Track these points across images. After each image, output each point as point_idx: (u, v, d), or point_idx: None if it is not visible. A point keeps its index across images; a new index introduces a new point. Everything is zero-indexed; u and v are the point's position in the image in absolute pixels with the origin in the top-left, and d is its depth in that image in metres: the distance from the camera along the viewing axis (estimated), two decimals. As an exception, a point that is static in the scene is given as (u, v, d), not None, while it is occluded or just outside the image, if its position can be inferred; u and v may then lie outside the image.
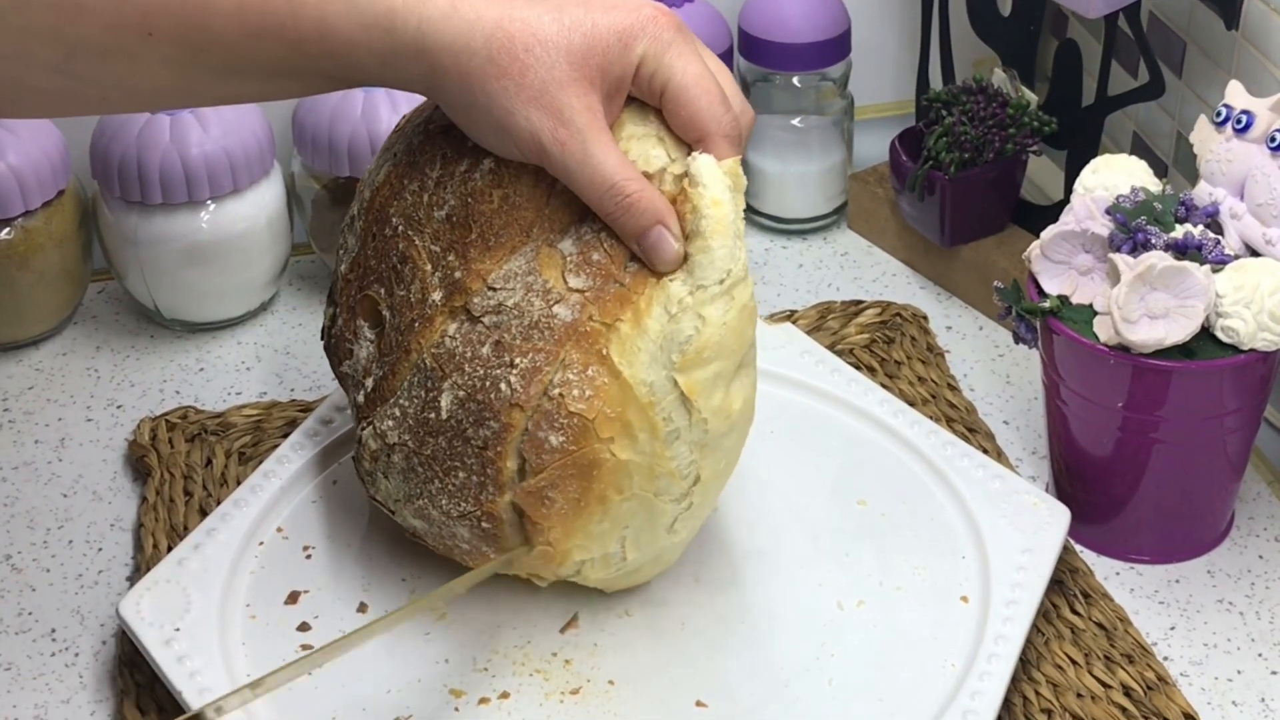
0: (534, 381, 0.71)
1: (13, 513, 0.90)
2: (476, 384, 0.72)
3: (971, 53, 1.12)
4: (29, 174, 0.97)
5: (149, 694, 0.78)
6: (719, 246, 0.71)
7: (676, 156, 0.73)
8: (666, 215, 0.72)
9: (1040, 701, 0.77)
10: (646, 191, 0.71)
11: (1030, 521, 0.82)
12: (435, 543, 0.77)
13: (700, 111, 0.72)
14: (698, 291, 0.71)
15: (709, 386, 0.71)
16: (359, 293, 0.78)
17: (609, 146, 0.71)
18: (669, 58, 0.72)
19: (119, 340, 1.03)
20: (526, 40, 0.70)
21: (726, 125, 0.73)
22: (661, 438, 0.71)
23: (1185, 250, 0.80)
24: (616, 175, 0.71)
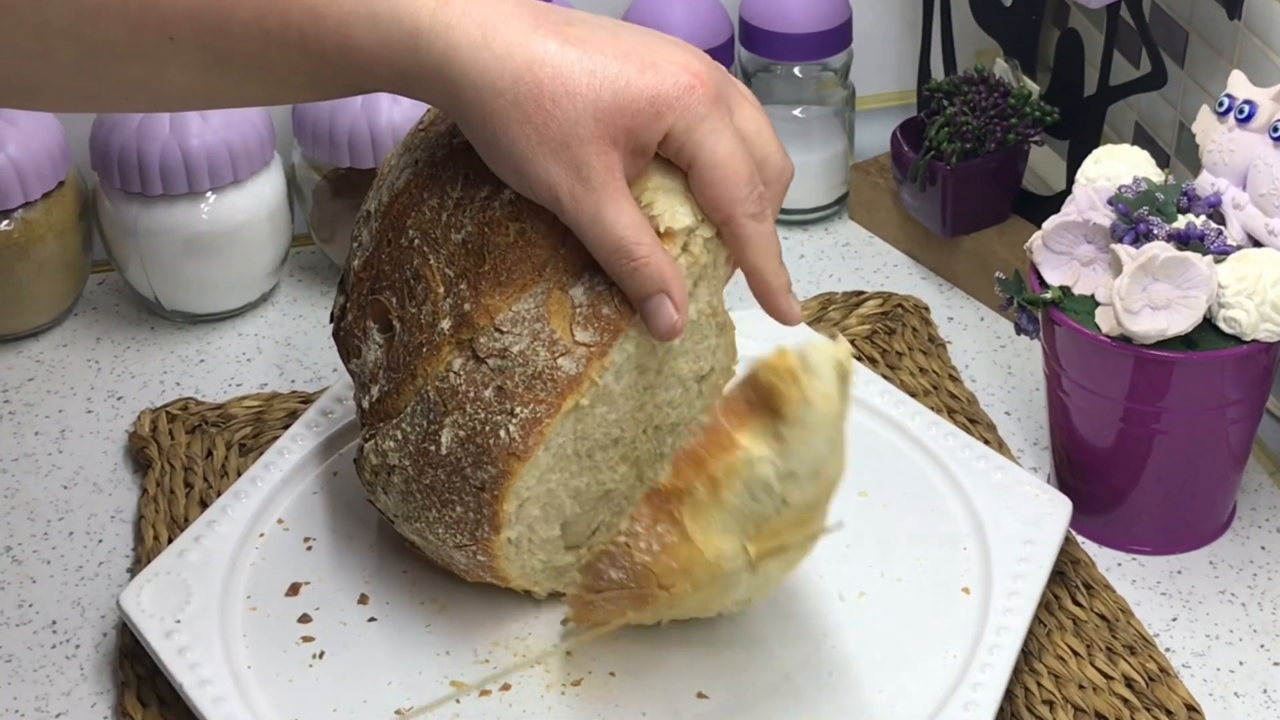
0: (533, 432, 0.71)
1: (13, 504, 0.90)
2: (477, 426, 0.72)
3: (973, 43, 1.11)
4: (29, 165, 0.97)
5: (150, 686, 0.78)
6: (820, 442, 0.68)
7: (704, 218, 0.73)
8: (671, 284, 0.71)
9: (1042, 693, 0.77)
10: (654, 257, 0.70)
11: (1032, 513, 0.82)
12: (432, 557, 0.78)
13: (722, 196, 0.71)
14: (787, 479, 0.68)
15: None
16: (370, 294, 0.78)
17: (623, 207, 0.70)
18: (699, 134, 0.70)
19: (119, 332, 1.03)
20: (555, 90, 0.68)
21: (751, 206, 0.72)
22: (724, 583, 0.71)
23: (1187, 241, 0.79)
24: (626, 238, 0.70)
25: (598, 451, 0.75)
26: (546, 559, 0.77)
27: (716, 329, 0.78)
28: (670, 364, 0.76)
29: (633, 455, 0.77)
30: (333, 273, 1.07)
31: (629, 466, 0.77)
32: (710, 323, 0.77)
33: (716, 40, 1.04)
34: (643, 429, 0.77)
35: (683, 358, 0.76)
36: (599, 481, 0.76)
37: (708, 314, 0.77)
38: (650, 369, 0.75)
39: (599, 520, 0.78)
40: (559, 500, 0.75)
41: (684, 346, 0.76)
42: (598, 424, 0.74)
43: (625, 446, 0.76)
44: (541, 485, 0.74)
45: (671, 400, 0.77)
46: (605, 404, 0.74)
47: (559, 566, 0.78)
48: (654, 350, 0.74)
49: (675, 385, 0.77)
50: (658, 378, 0.76)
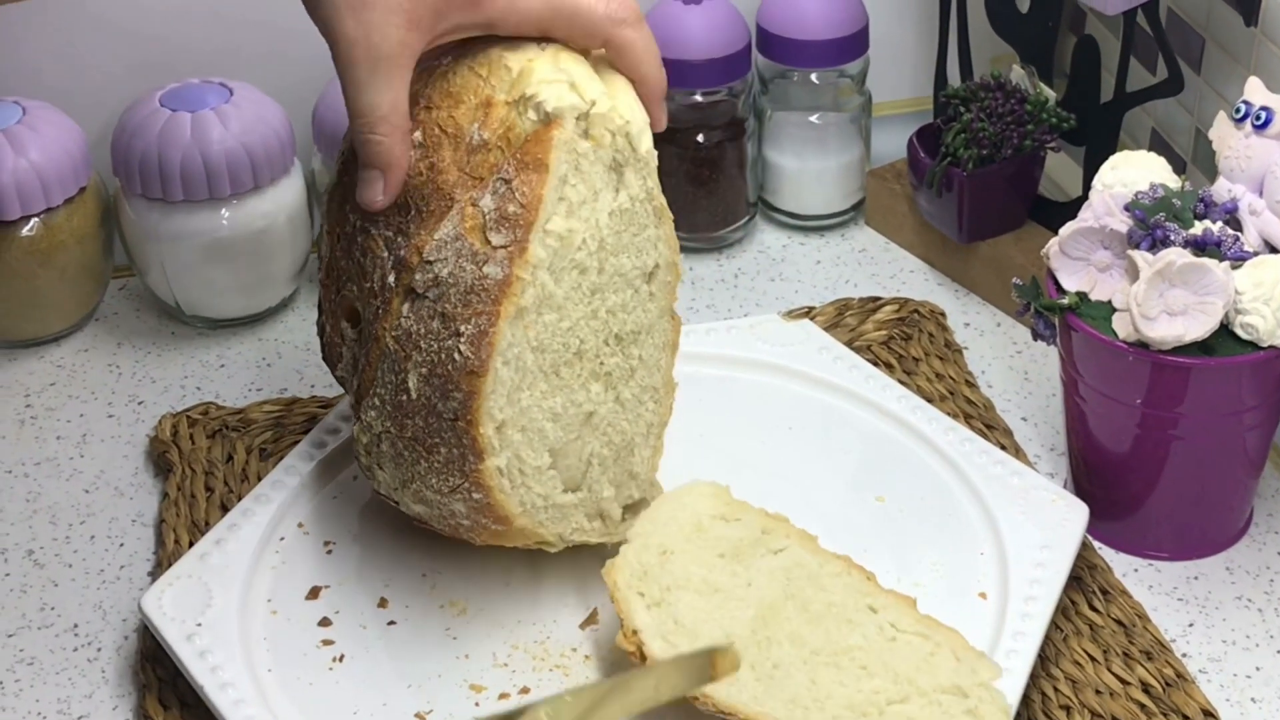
0: (482, 345, 0.73)
1: (35, 508, 0.91)
2: (433, 358, 0.74)
3: (990, 49, 1.12)
4: (50, 171, 0.98)
5: (171, 689, 0.79)
6: None
7: (594, 99, 0.75)
8: (391, 169, 0.75)
9: (1059, 698, 0.77)
10: (390, 140, 0.74)
11: (1049, 518, 0.82)
12: (440, 525, 0.78)
13: (578, 23, 0.76)
14: None
15: None
16: (337, 294, 0.80)
17: (393, 84, 0.74)
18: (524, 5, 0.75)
19: (140, 337, 1.03)
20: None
21: (615, 13, 0.76)
22: None
23: (1204, 247, 0.80)
24: (374, 112, 0.74)
25: (563, 367, 0.76)
26: (545, 494, 0.77)
27: (655, 217, 0.79)
28: (611, 261, 0.77)
29: (601, 371, 0.77)
30: (352, 278, 1.07)
31: (601, 385, 0.78)
32: (646, 209, 0.78)
33: (734, 47, 1.05)
34: (603, 340, 0.77)
35: (624, 253, 0.77)
36: (574, 402, 0.77)
37: (642, 199, 0.78)
38: (590, 268, 0.76)
39: (589, 450, 0.78)
40: (538, 423, 0.76)
41: (621, 240, 0.77)
42: (551, 333, 0.75)
43: (590, 361, 0.77)
44: (513, 405, 0.74)
45: (624, 304, 0.78)
46: (552, 310, 0.75)
47: (561, 505, 0.78)
48: (583, 244, 0.75)
49: (623, 286, 0.77)
50: (601, 278, 0.76)
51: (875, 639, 0.73)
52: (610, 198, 0.76)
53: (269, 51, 1.07)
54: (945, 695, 0.71)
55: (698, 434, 0.90)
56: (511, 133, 0.75)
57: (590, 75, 0.77)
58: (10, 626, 0.83)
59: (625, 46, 0.78)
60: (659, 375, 0.80)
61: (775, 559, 0.77)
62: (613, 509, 0.80)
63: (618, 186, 0.77)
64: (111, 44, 1.06)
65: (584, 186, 0.75)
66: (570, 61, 0.77)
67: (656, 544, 0.78)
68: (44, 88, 1.05)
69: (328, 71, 1.04)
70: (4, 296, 1.00)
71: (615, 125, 0.76)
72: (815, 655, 0.72)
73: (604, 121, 0.76)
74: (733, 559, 0.77)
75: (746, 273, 1.07)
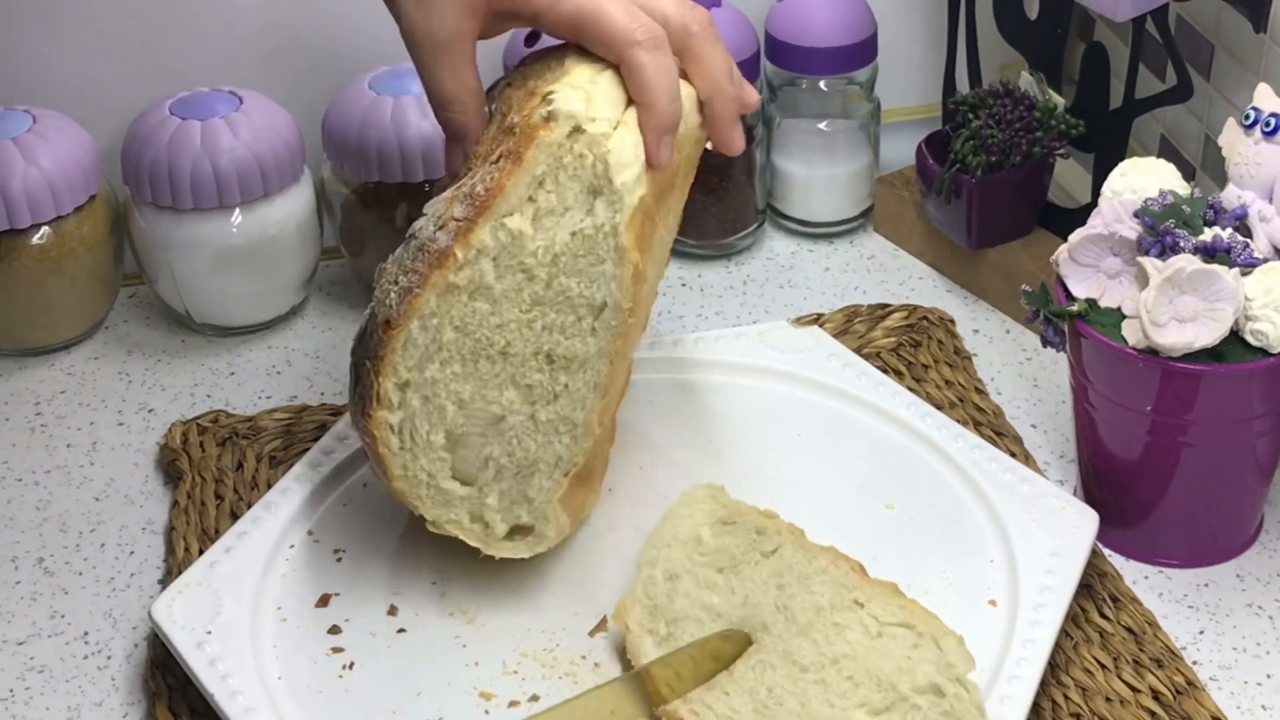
0: (405, 300, 0.75)
1: (45, 516, 0.91)
2: (380, 297, 0.77)
3: (998, 56, 1.12)
4: (60, 179, 0.98)
5: (181, 697, 0.79)
6: None
7: (595, 117, 0.76)
8: (470, 139, 0.81)
9: (1069, 705, 0.77)
10: (465, 117, 0.81)
11: (1058, 525, 0.82)
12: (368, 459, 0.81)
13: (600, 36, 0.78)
14: None
15: None
16: None
17: (458, 66, 0.80)
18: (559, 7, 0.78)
19: (150, 344, 1.04)
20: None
21: (635, 36, 0.77)
22: None
23: (1214, 253, 0.79)
24: (444, 91, 0.80)
25: (483, 360, 0.77)
26: (431, 471, 0.77)
27: (616, 256, 0.77)
28: (561, 280, 0.77)
29: (523, 382, 0.78)
30: (361, 286, 1.07)
31: (519, 394, 0.78)
32: (609, 244, 0.77)
33: (742, 54, 1.05)
34: (533, 351, 0.77)
35: (575, 276, 0.77)
36: (485, 398, 0.77)
37: (606, 232, 0.77)
38: (539, 277, 0.76)
39: (489, 453, 0.78)
40: (440, 401, 0.77)
41: (576, 264, 0.77)
42: (479, 321, 0.76)
43: (514, 367, 0.77)
44: (421, 372, 0.76)
45: (563, 326, 0.77)
46: (485, 300, 0.76)
47: (444, 491, 0.78)
48: (534, 252, 0.76)
49: (566, 309, 0.77)
50: (547, 291, 0.77)
51: (861, 640, 0.74)
52: (578, 218, 0.76)
53: (279, 60, 1.08)
54: (924, 697, 0.71)
55: (706, 441, 0.90)
56: (528, 122, 0.77)
57: (615, 100, 0.78)
58: (21, 634, 0.83)
59: (635, 68, 0.77)
60: (582, 414, 0.78)
61: (768, 563, 0.78)
62: (496, 522, 0.79)
63: (589, 211, 0.77)
64: (121, 52, 1.06)
65: (556, 197, 0.76)
66: (610, 81, 0.78)
67: (663, 570, 0.79)
68: (54, 96, 1.05)
69: (337, 79, 1.05)
70: (14, 304, 1.00)
71: (599, 150, 0.76)
72: (805, 674, 0.74)
73: (591, 142, 0.76)
74: (730, 573, 0.78)
75: (755, 280, 1.07)
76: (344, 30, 1.07)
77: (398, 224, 1.01)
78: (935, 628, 0.74)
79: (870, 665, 0.73)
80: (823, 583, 0.76)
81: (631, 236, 0.77)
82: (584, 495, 0.82)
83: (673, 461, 0.89)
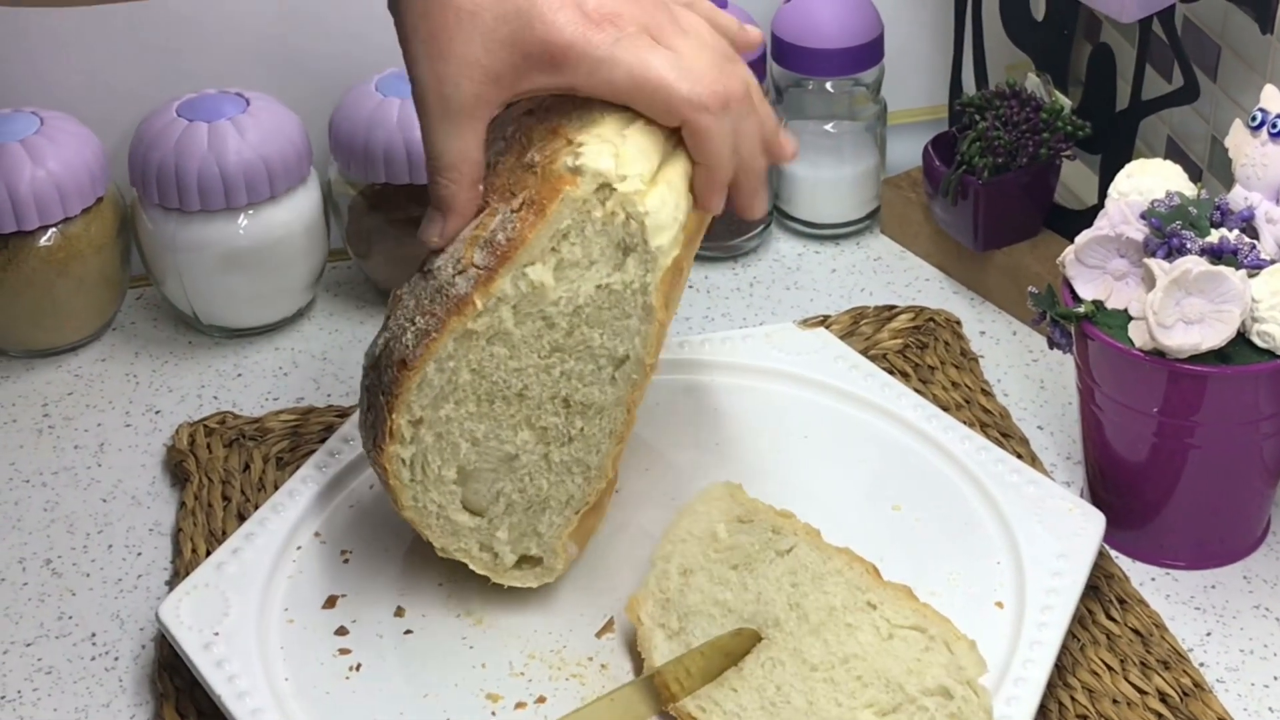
0: (422, 343, 0.74)
1: (53, 517, 0.91)
2: (395, 331, 0.76)
3: (1005, 57, 1.12)
4: (68, 181, 0.98)
5: (188, 698, 0.79)
6: None
7: (626, 174, 0.74)
8: (453, 215, 0.75)
9: (1076, 707, 0.77)
10: (456, 187, 0.75)
11: (1065, 527, 0.82)
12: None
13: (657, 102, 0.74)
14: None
15: None
16: None
17: (463, 134, 0.74)
18: (606, 71, 0.73)
19: (157, 346, 1.04)
20: (462, 5, 0.72)
21: (698, 99, 0.74)
22: None
23: (1221, 255, 0.79)
24: (444, 159, 0.75)
25: (499, 400, 0.76)
26: (441, 504, 0.78)
27: (643, 313, 0.77)
28: (583, 330, 0.76)
29: (538, 424, 0.77)
30: (368, 288, 1.07)
31: (533, 435, 0.78)
32: (636, 300, 0.76)
33: (748, 56, 1.04)
34: (549, 396, 0.77)
35: (599, 327, 0.76)
36: (499, 438, 0.77)
37: (635, 289, 0.76)
38: (559, 326, 0.76)
39: (500, 488, 0.78)
40: (453, 438, 0.76)
41: (601, 316, 0.76)
42: (496, 364, 0.75)
43: (530, 409, 0.77)
44: (436, 410, 0.75)
45: (582, 374, 0.77)
46: (504, 344, 0.75)
47: (454, 522, 0.78)
48: (555, 302, 0.75)
49: (587, 358, 0.77)
50: (568, 340, 0.76)
51: (872, 641, 0.74)
52: (604, 272, 0.75)
53: (286, 62, 1.08)
54: (931, 699, 0.71)
55: (713, 443, 0.90)
56: (550, 167, 0.75)
57: (648, 153, 0.75)
58: (28, 635, 0.84)
59: (700, 132, 0.75)
60: (596, 457, 0.78)
61: (783, 562, 0.78)
62: (505, 552, 0.79)
63: (618, 266, 0.75)
64: (129, 54, 1.06)
65: (581, 250, 0.75)
66: (641, 133, 0.75)
67: (677, 565, 0.79)
68: (61, 98, 1.05)
69: (344, 82, 1.05)
70: (22, 306, 1.00)
71: (634, 210, 0.74)
72: (814, 672, 0.74)
73: (624, 201, 0.74)
74: (745, 570, 0.78)
75: (762, 281, 1.07)
76: (350, 32, 1.08)
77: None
78: (947, 631, 0.74)
79: (879, 666, 0.73)
80: (836, 583, 0.76)
81: (660, 296, 0.76)
82: (594, 519, 0.82)
83: (679, 463, 0.89)
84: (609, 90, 0.74)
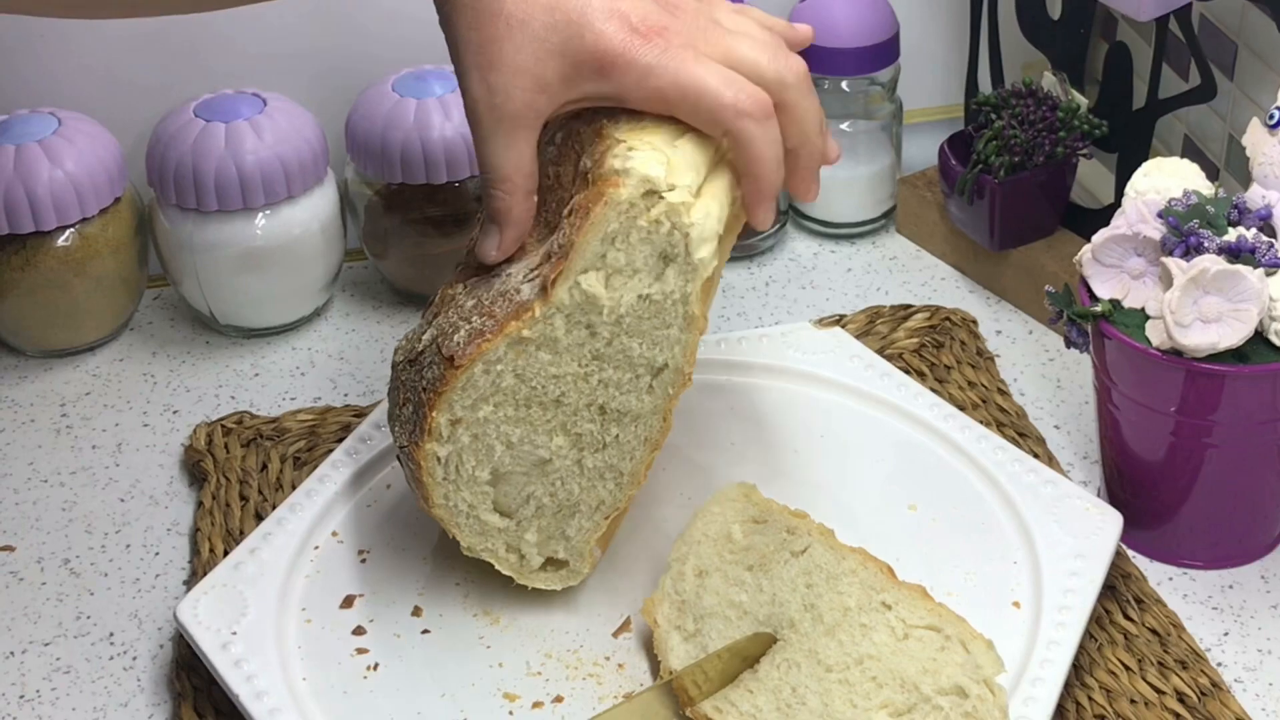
0: (473, 344, 0.74)
1: (70, 517, 0.91)
2: (446, 328, 0.76)
3: (1021, 56, 1.11)
4: (86, 181, 0.98)
5: (206, 697, 0.79)
6: None
7: (676, 184, 0.74)
8: (509, 226, 0.76)
9: (1093, 707, 0.77)
10: (513, 199, 0.75)
11: (1082, 527, 0.82)
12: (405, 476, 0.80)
13: (700, 109, 0.74)
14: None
15: None
16: None
17: (517, 144, 0.75)
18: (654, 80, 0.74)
19: (175, 346, 1.04)
20: (512, 14, 0.73)
21: (741, 105, 0.74)
22: None
23: (1238, 254, 0.79)
24: (500, 170, 0.75)
25: (535, 405, 0.76)
26: (472, 503, 0.78)
27: (683, 323, 0.77)
28: (623, 339, 0.76)
29: (573, 430, 0.77)
30: (385, 288, 1.08)
31: (568, 440, 0.78)
32: (677, 311, 0.76)
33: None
34: (586, 403, 0.77)
35: (638, 337, 0.76)
36: (534, 443, 0.77)
37: (676, 299, 0.76)
38: (601, 335, 0.76)
39: (531, 491, 0.79)
40: (489, 440, 0.76)
41: (641, 325, 0.76)
42: (538, 370, 0.75)
43: (566, 415, 0.77)
44: (476, 411, 0.75)
45: (619, 382, 0.77)
46: (549, 350, 0.75)
47: (484, 522, 0.78)
48: (602, 310, 0.75)
49: (625, 366, 0.77)
50: (608, 349, 0.76)
51: (887, 641, 0.74)
52: (647, 282, 0.75)
53: (303, 62, 1.08)
54: (947, 697, 0.71)
55: (729, 443, 0.90)
56: (598, 170, 0.75)
57: (697, 166, 0.75)
58: (47, 635, 0.84)
59: (745, 140, 0.75)
60: (629, 464, 0.78)
61: (797, 563, 0.78)
62: (532, 554, 0.80)
63: (658, 276, 0.75)
64: (146, 55, 1.06)
65: (625, 257, 0.74)
66: (692, 145, 0.75)
67: (692, 566, 0.79)
68: (79, 99, 1.05)
69: (360, 81, 1.05)
70: (40, 306, 1.01)
71: (679, 221, 0.74)
72: (829, 673, 0.74)
73: (670, 211, 0.74)
74: (759, 571, 0.78)
75: (778, 280, 1.07)
76: (367, 32, 1.08)
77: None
78: (964, 631, 0.74)
79: (895, 666, 0.73)
80: (851, 584, 0.76)
81: (701, 305, 0.76)
82: (616, 526, 0.82)
83: (695, 462, 0.89)
84: (656, 98, 0.74)
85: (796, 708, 0.73)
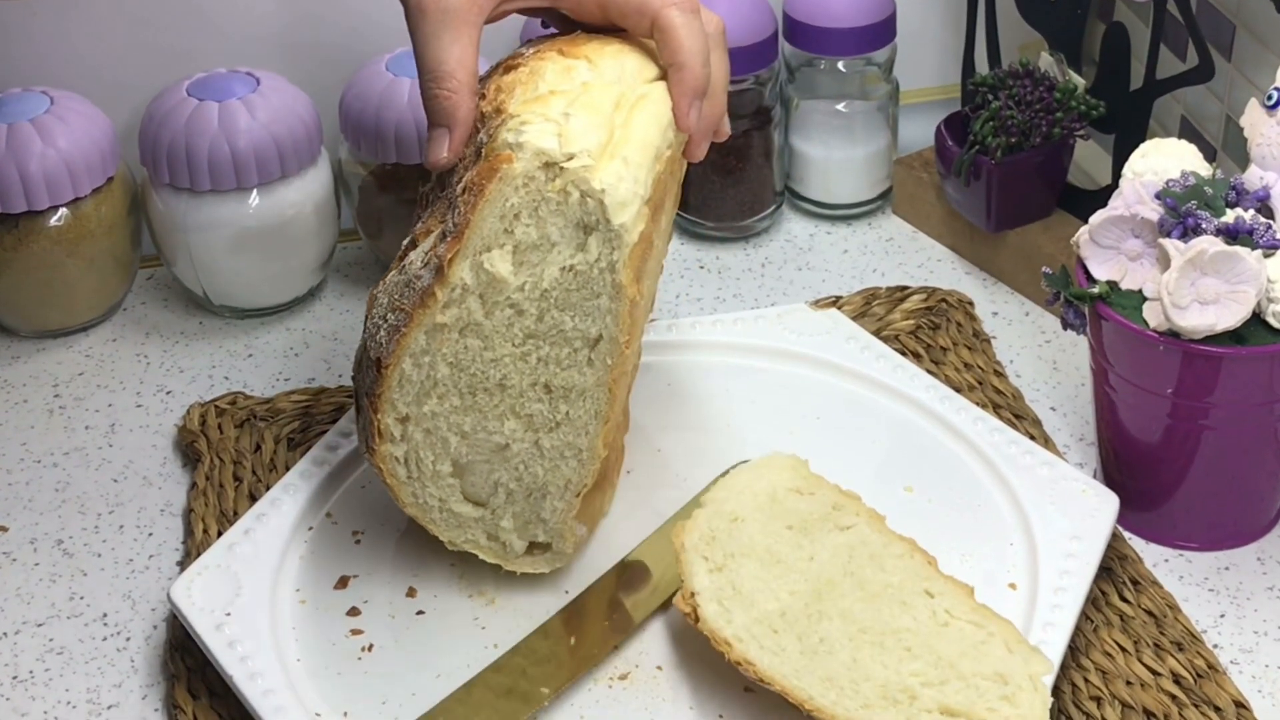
0: (394, 339, 0.74)
1: (64, 498, 0.91)
2: (372, 330, 0.76)
3: (1018, 36, 1.11)
4: (79, 160, 0.98)
5: (200, 678, 0.79)
6: None
7: (573, 152, 0.73)
8: (457, 125, 0.76)
9: (1089, 689, 0.77)
10: (458, 96, 0.76)
11: (1078, 508, 0.82)
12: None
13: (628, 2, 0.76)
14: None
15: None
16: None
17: (460, 41, 0.75)
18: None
19: (168, 326, 1.04)
20: None
21: None
22: None
23: (1236, 235, 0.79)
24: (443, 67, 0.76)
25: (480, 391, 0.76)
26: (442, 497, 0.78)
27: (612, 291, 0.75)
28: (553, 314, 0.76)
29: (523, 412, 0.77)
30: (379, 268, 1.07)
31: (520, 423, 0.77)
32: (605, 280, 0.75)
33: (760, 35, 1.04)
34: (530, 383, 0.77)
35: (569, 310, 0.76)
36: (487, 429, 0.77)
37: (603, 268, 0.75)
38: (529, 313, 0.75)
39: (497, 478, 0.78)
40: (442, 433, 0.76)
41: (570, 298, 0.75)
42: (473, 357, 0.75)
43: (513, 398, 0.77)
44: (421, 405, 0.76)
45: (559, 359, 0.77)
46: (476, 336, 0.75)
47: (458, 514, 0.79)
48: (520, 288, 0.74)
49: (561, 342, 0.76)
50: (540, 325, 0.76)
51: (927, 623, 0.74)
52: (568, 254, 0.74)
53: (296, 41, 1.07)
54: (984, 681, 0.71)
55: (725, 424, 0.90)
56: (492, 145, 0.74)
57: (596, 129, 0.74)
58: (40, 616, 0.84)
59: (668, 28, 0.77)
60: (586, 439, 0.78)
61: (841, 536, 0.77)
62: (513, 540, 0.80)
63: (580, 246, 0.74)
64: (139, 34, 1.06)
65: (537, 231, 0.74)
66: (586, 111, 0.74)
67: (729, 510, 0.78)
68: (72, 78, 1.05)
69: (354, 60, 1.04)
70: (32, 286, 1.00)
71: (588, 188, 0.73)
72: (863, 633, 0.73)
73: (575, 180, 0.73)
74: (800, 531, 0.77)
75: (774, 262, 1.07)
76: (361, 11, 1.07)
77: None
78: (1009, 633, 0.73)
79: (932, 643, 0.72)
80: (896, 564, 0.76)
81: (629, 272, 0.75)
82: (600, 498, 0.82)
83: (690, 444, 0.89)
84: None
85: (824, 656, 0.72)
